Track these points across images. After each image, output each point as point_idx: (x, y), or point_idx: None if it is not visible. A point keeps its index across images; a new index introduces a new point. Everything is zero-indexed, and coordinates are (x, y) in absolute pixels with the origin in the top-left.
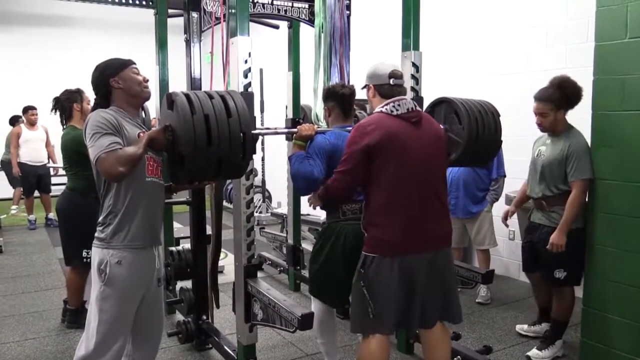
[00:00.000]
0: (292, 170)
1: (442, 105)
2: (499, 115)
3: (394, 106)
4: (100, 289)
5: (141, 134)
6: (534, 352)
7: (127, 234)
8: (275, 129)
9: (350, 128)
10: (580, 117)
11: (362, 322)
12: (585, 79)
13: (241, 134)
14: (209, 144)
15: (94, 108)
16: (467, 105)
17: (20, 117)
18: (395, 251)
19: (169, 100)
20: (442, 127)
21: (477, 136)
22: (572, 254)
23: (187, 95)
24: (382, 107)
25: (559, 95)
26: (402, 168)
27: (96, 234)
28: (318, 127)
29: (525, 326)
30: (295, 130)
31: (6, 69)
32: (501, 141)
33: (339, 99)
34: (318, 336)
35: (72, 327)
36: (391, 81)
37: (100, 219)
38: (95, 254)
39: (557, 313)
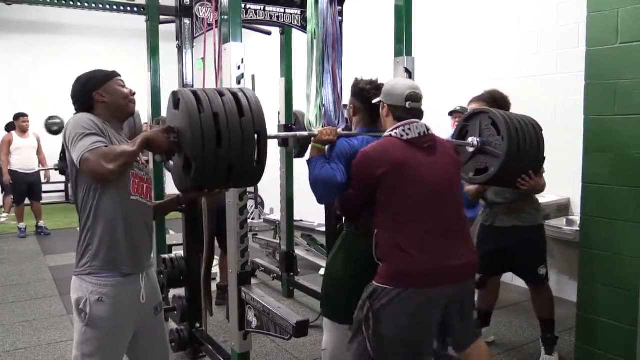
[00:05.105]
0: (312, 176)
1: (477, 117)
2: (541, 130)
3: (403, 130)
4: (82, 330)
5: None
6: (546, 357)
7: (105, 259)
8: (295, 133)
9: (378, 133)
10: (571, 122)
11: None
12: (576, 84)
13: (255, 135)
14: (218, 145)
15: None
16: (506, 115)
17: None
18: (415, 284)
19: (174, 98)
20: (477, 139)
21: (518, 148)
22: (544, 250)
23: (194, 93)
24: (392, 130)
25: (491, 101)
26: (414, 197)
27: (76, 262)
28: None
29: None
30: (315, 133)
31: None
32: (544, 157)
33: (370, 106)
34: None
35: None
36: (407, 104)
37: (79, 242)
38: (74, 289)
39: (545, 312)
